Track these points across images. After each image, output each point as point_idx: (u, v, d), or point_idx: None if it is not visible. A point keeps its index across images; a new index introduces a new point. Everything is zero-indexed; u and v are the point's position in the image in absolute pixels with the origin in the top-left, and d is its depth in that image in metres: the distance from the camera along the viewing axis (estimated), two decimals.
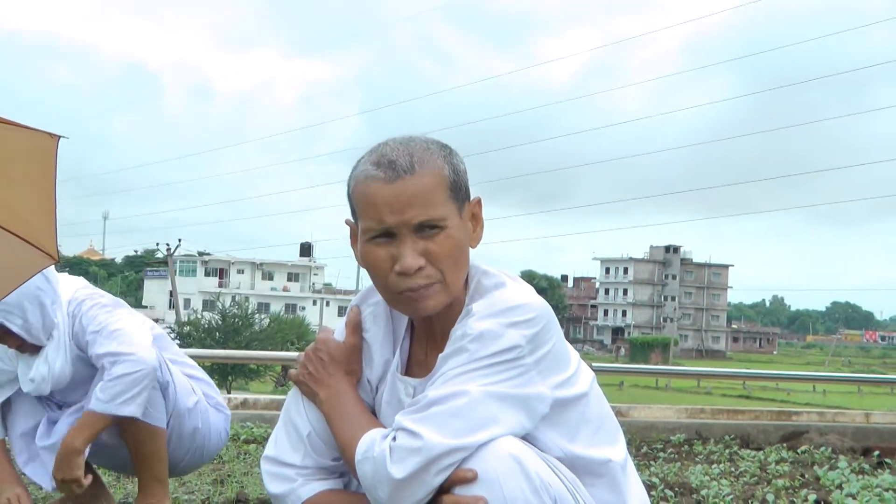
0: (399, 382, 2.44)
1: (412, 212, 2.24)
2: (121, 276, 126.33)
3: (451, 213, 2.29)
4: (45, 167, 3.02)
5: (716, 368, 37.09)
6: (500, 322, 2.24)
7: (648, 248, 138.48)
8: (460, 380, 2.19)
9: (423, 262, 2.26)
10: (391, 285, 2.30)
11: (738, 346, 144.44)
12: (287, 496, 2.43)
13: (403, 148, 2.30)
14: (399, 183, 2.24)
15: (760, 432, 8.63)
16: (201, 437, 4.07)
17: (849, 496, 5.16)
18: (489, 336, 2.23)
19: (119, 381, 3.72)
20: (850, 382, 36.32)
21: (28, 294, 3.72)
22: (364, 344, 2.50)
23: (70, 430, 3.78)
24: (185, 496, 4.61)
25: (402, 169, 2.25)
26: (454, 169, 2.32)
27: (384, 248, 2.28)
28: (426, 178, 2.26)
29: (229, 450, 6.29)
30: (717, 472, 6.24)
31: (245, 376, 46.41)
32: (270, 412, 8.13)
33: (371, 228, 2.28)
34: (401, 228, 2.26)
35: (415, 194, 2.24)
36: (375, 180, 2.26)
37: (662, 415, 9.28)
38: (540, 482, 2.17)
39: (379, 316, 2.51)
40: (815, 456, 7.22)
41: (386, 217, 2.25)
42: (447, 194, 2.29)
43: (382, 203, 2.25)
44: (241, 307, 58.79)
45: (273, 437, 2.52)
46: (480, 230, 2.42)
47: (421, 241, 2.26)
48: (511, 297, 2.30)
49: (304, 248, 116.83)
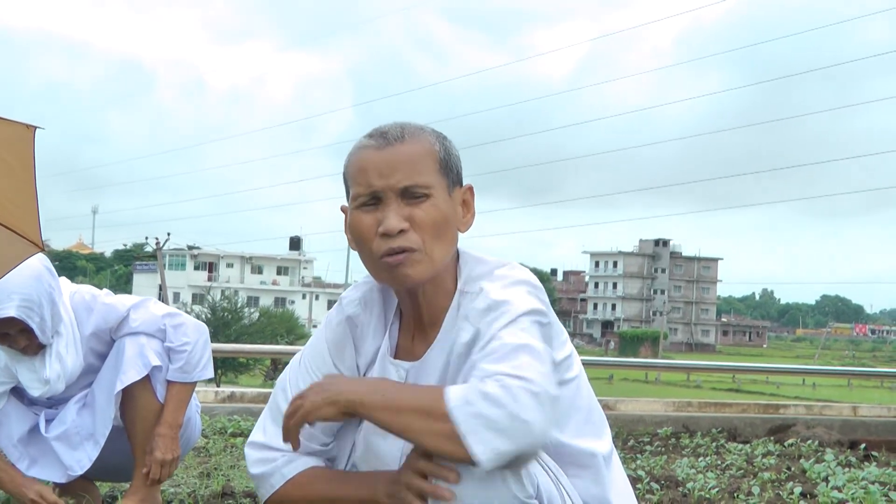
0: (391, 366, 2.46)
1: (398, 175, 2.31)
2: (110, 270, 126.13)
3: (438, 185, 2.35)
4: (23, 158, 3.01)
5: (705, 362, 37.24)
6: (520, 290, 2.31)
7: (638, 242, 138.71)
8: (518, 335, 2.18)
9: (407, 225, 2.30)
10: (374, 250, 2.33)
11: (727, 340, 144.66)
12: (272, 475, 2.44)
13: (397, 124, 2.40)
14: (388, 149, 2.34)
15: (748, 425, 8.65)
16: (190, 429, 4.07)
17: (834, 489, 5.17)
18: (517, 301, 2.27)
19: (194, 347, 3.85)
20: (840, 376, 36.49)
21: (43, 292, 3.64)
22: (355, 329, 2.51)
23: (166, 410, 3.83)
24: (172, 489, 4.60)
25: (393, 137, 2.35)
26: (446, 149, 2.40)
27: (370, 214, 2.34)
28: (416, 146, 2.35)
29: (216, 443, 6.29)
30: (704, 465, 6.25)
31: (234, 370, 46.34)
32: (257, 405, 8.12)
33: (360, 194, 2.35)
34: (387, 192, 2.32)
35: (402, 160, 2.32)
36: (366, 148, 2.36)
37: (650, 408, 9.29)
38: (524, 471, 2.15)
39: (371, 302, 2.52)
40: (802, 449, 7.23)
41: (374, 180, 2.32)
42: (436, 167, 2.36)
43: (371, 168, 2.33)
44: (231, 301, 58.79)
45: (260, 425, 2.52)
46: (471, 217, 2.46)
47: (406, 207, 2.32)
48: (517, 273, 2.37)
49: (293, 241, 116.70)
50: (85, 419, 3.86)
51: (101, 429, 3.82)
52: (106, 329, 3.87)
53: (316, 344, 2.55)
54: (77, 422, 3.86)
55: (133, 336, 3.81)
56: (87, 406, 3.88)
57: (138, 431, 3.86)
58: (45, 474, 3.88)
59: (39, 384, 3.79)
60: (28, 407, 3.95)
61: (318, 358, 2.52)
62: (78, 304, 3.87)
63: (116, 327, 3.86)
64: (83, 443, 3.84)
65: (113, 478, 4.25)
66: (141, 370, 3.76)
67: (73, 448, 3.84)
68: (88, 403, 3.88)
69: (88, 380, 3.91)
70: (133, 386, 3.76)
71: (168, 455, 3.84)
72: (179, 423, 3.89)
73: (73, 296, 3.88)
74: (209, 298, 58.92)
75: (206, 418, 7.00)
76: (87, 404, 3.89)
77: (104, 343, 3.90)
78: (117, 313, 3.86)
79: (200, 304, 61.57)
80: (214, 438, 6.47)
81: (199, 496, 4.46)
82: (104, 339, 3.89)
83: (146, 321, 3.84)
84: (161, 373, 3.83)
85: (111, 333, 3.88)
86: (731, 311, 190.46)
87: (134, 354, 3.77)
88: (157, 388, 3.83)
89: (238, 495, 4.51)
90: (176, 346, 3.84)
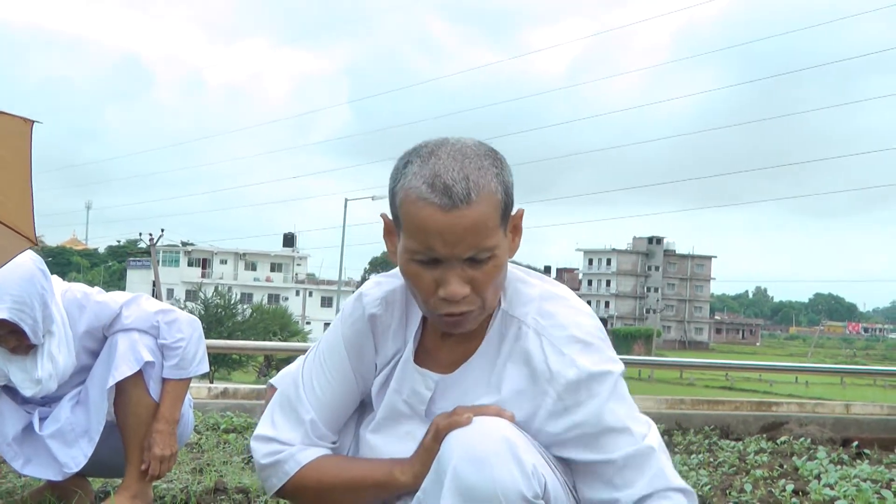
0: (417, 374, 2.39)
1: (463, 245, 2.15)
2: (103, 266, 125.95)
3: (499, 238, 2.21)
4: (20, 151, 3.00)
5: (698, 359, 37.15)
6: (601, 355, 2.29)
7: (632, 240, 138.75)
8: (623, 422, 2.25)
9: (469, 290, 2.20)
10: (432, 307, 2.24)
11: (720, 338, 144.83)
12: (286, 462, 2.41)
13: (458, 168, 2.16)
14: (454, 213, 2.13)
15: (740, 423, 8.65)
16: (183, 425, 4.07)
17: (827, 486, 5.17)
18: (598, 377, 2.26)
19: (188, 343, 3.85)
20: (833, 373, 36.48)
21: (35, 293, 3.63)
22: (376, 328, 2.45)
23: (163, 406, 3.83)
24: (164, 485, 4.59)
25: (458, 198, 2.13)
26: (506, 189, 2.22)
27: (429, 272, 2.20)
28: (482, 208, 2.15)
29: (209, 439, 6.29)
30: (696, 463, 6.26)
31: (228, 366, 46.37)
32: (250, 402, 8.11)
33: (418, 251, 2.19)
34: (450, 258, 2.18)
35: (469, 227, 2.14)
36: (428, 205, 2.14)
37: (642, 405, 9.18)
38: (532, 469, 2.13)
39: (393, 303, 2.44)
40: (795, 446, 7.23)
41: (437, 247, 2.16)
42: (499, 220, 2.20)
43: (435, 233, 2.15)
44: (224, 297, 58.75)
45: (268, 420, 2.48)
46: (519, 239, 2.34)
47: (468, 269, 2.19)
48: (577, 319, 2.34)
49: (287, 238, 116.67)
50: (79, 416, 3.85)
51: (95, 425, 3.81)
52: (99, 327, 3.87)
53: (333, 341, 2.48)
54: (71, 419, 3.85)
55: (125, 332, 3.81)
56: (81, 403, 3.88)
57: (131, 427, 3.85)
58: (40, 472, 3.87)
59: (31, 384, 3.78)
60: (21, 405, 3.94)
61: (335, 355, 2.47)
62: (70, 302, 3.86)
63: (109, 325, 3.85)
64: (78, 440, 3.83)
65: (105, 474, 4.24)
66: (133, 365, 3.75)
67: (67, 445, 3.83)
68: (82, 400, 3.88)
69: (82, 378, 3.90)
70: (125, 382, 3.76)
71: (166, 451, 3.84)
72: (176, 419, 3.89)
73: (65, 294, 3.87)
74: (202, 295, 58.88)
75: (199, 414, 6.99)
76: (81, 401, 3.88)
77: (97, 341, 3.89)
78: (110, 311, 3.85)
79: (194, 300, 61.36)
80: (207, 434, 6.47)
81: (191, 492, 4.45)
82: (97, 336, 3.89)
83: (138, 318, 3.84)
84: (153, 369, 3.82)
85: (104, 331, 3.87)
86: (725, 308, 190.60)
87: (126, 350, 3.76)
88: (149, 384, 3.82)
89: (230, 491, 4.50)
90: (170, 343, 3.84)
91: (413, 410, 2.39)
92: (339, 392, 2.45)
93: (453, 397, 2.34)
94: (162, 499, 4.30)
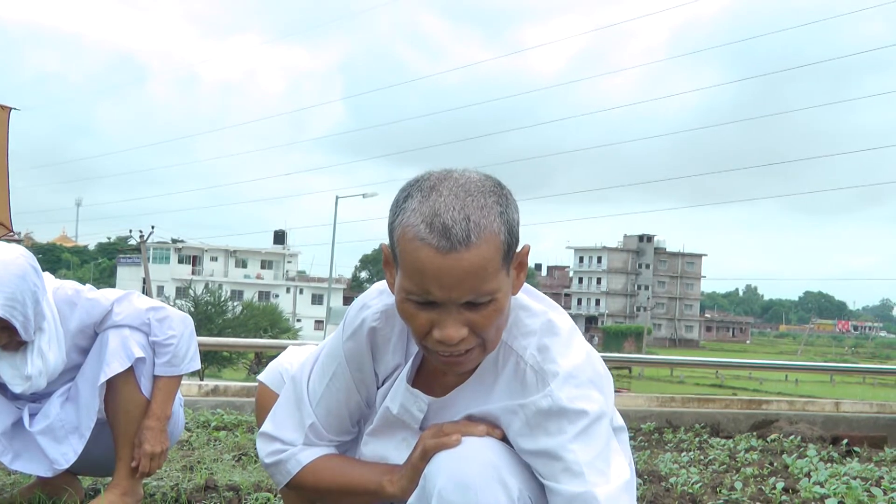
0: (410, 394, 2.36)
1: (462, 289, 2.06)
2: (94, 263, 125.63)
3: (501, 280, 2.11)
4: None
5: (689, 357, 37.27)
6: (581, 392, 2.19)
7: (622, 237, 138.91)
8: (579, 465, 2.14)
9: (466, 332, 2.11)
10: (427, 346, 2.17)
11: (711, 336, 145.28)
12: (287, 461, 2.45)
13: (460, 207, 2.05)
14: (452, 256, 2.02)
15: (731, 421, 8.68)
16: (173, 422, 4.06)
17: (816, 484, 5.18)
18: (570, 414, 2.17)
19: (180, 340, 3.85)
20: (823, 371, 36.55)
21: (27, 290, 3.61)
22: (375, 341, 2.41)
23: (154, 403, 3.82)
24: (154, 482, 4.58)
25: (457, 240, 2.02)
26: (510, 229, 2.11)
27: (424, 313, 2.11)
28: (482, 251, 2.04)
29: (199, 436, 6.28)
30: (687, 460, 6.27)
31: (218, 364, 46.31)
32: (241, 399, 8.11)
33: (413, 292, 2.10)
34: (447, 302, 2.09)
35: (468, 270, 2.04)
36: (426, 246, 2.03)
37: (633, 403, 9.30)
38: (518, 494, 2.13)
39: (393, 316, 2.35)
40: (785, 444, 7.26)
41: (433, 290, 2.06)
42: (500, 262, 2.09)
43: (431, 275, 2.05)
44: (214, 294, 58.66)
45: (273, 417, 2.51)
46: (523, 276, 2.23)
47: (466, 312, 2.10)
48: (575, 358, 2.25)
49: (277, 235, 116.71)
50: (69, 413, 3.84)
51: (85, 422, 3.80)
52: (90, 324, 3.86)
53: (334, 349, 2.46)
54: (61, 415, 3.84)
55: (116, 329, 3.80)
56: (71, 399, 3.86)
57: (121, 424, 3.84)
58: (29, 468, 3.86)
59: (21, 381, 3.77)
60: (11, 401, 3.93)
61: (336, 364, 2.45)
62: (61, 299, 3.84)
63: (100, 322, 3.84)
64: (68, 436, 3.82)
65: (96, 471, 4.23)
66: (124, 362, 3.74)
67: (57, 442, 3.82)
68: (72, 397, 3.86)
69: (72, 375, 3.89)
70: (116, 378, 3.75)
71: (157, 447, 3.83)
72: (168, 416, 3.88)
73: (57, 291, 3.86)
74: (193, 292, 58.79)
75: (190, 412, 6.99)
76: (71, 398, 3.87)
77: (89, 338, 3.88)
78: (101, 307, 3.84)
79: (184, 297, 61.37)
80: (198, 432, 6.46)
81: (181, 489, 4.44)
82: (88, 333, 3.88)
83: (130, 315, 3.83)
84: (144, 365, 3.81)
85: (95, 328, 3.86)
86: (715, 306, 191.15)
87: (117, 346, 3.75)
88: (140, 380, 3.81)
89: (221, 489, 4.49)
90: (162, 340, 3.82)
91: (406, 425, 2.39)
92: (341, 400, 2.46)
93: (445, 419, 2.33)
94: (152, 496, 4.29)
